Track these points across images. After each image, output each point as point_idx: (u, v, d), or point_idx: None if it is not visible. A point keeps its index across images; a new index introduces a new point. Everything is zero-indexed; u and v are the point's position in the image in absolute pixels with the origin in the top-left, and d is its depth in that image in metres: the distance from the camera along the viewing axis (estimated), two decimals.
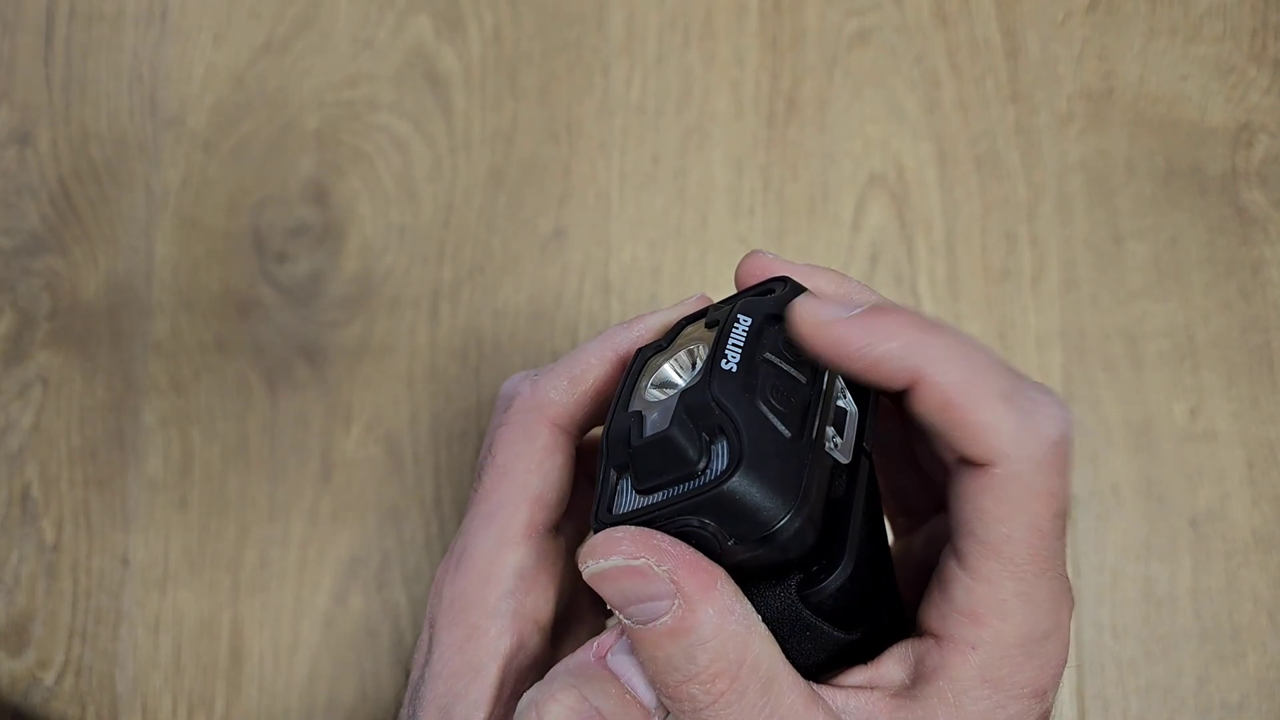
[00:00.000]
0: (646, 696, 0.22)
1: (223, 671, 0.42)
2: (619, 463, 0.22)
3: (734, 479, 0.20)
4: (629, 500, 0.22)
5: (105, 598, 0.43)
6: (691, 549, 0.21)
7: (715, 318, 0.24)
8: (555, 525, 0.27)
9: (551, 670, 0.23)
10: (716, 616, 0.21)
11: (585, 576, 0.22)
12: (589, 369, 0.26)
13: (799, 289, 0.24)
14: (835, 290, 0.26)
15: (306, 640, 0.42)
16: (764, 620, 0.22)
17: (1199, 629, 0.41)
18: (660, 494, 0.21)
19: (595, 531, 0.22)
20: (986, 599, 0.22)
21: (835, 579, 0.22)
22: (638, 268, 0.44)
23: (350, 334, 0.44)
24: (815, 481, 0.21)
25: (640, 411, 0.22)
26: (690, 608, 0.21)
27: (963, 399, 0.21)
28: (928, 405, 0.21)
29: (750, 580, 0.22)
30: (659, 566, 0.21)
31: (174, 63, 0.46)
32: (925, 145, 0.45)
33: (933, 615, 0.23)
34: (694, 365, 0.23)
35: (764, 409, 0.21)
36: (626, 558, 0.21)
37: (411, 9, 0.46)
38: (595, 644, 0.23)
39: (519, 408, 0.26)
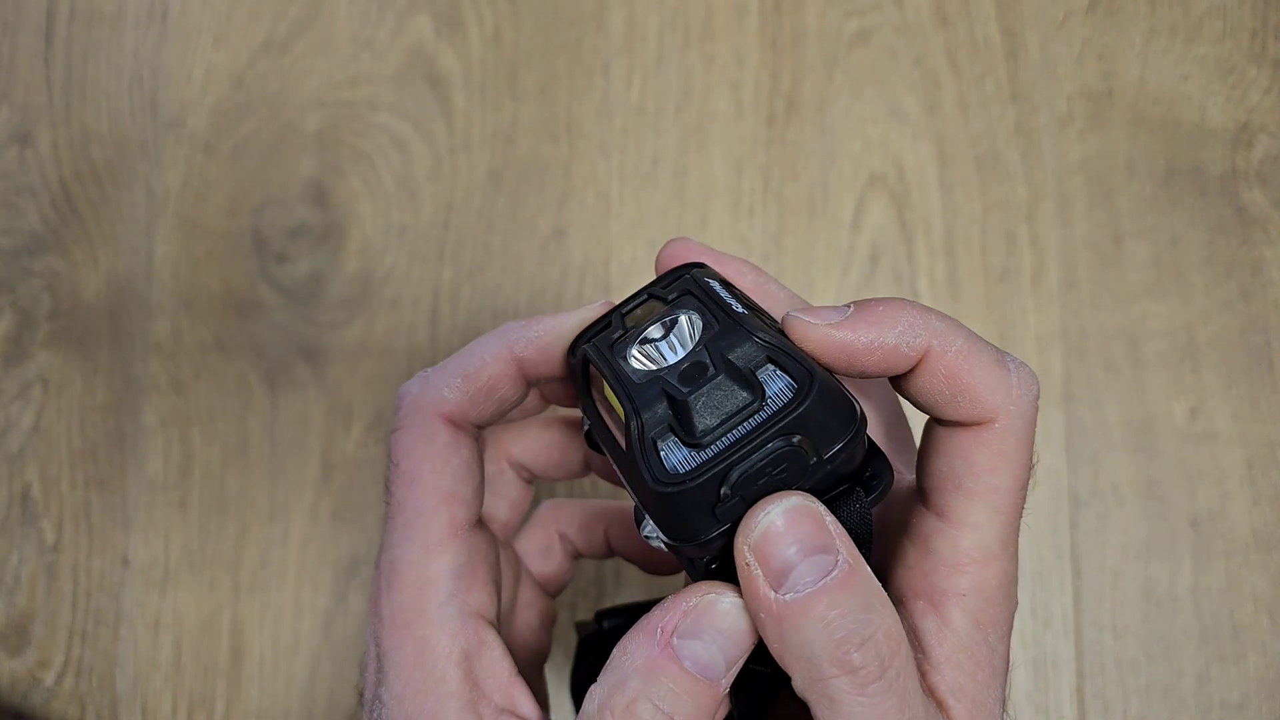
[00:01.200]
0: (715, 669, 0.22)
1: (223, 671, 0.42)
2: (658, 427, 0.22)
3: (814, 394, 0.21)
4: (682, 456, 0.22)
5: (105, 598, 0.43)
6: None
7: (672, 293, 0.24)
8: (477, 520, 0.26)
9: (616, 666, 0.22)
10: (873, 577, 0.21)
11: (755, 536, 0.21)
12: (484, 366, 0.25)
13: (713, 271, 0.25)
14: (752, 280, 0.27)
15: (306, 640, 0.42)
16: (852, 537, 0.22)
17: (1199, 629, 0.41)
18: (726, 437, 0.21)
19: (660, 492, 0.21)
20: (972, 547, 0.23)
21: (887, 480, 0.23)
22: (638, 268, 0.44)
23: (350, 334, 0.44)
24: (851, 392, 0.23)
25: (659, 376, 0.22)
26: (856, 562, 0.21)
27: (967, 364, 0.23)
28: (935, 375, 0.23)
29: (826, 503, 0.22)
30: (826, 516, 0.21)
31: (174, 63, 0.47)
32: (925, 145, 0.45)
33: (914, 576, 0.24)
34: (671, 332, 0.23)
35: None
36: (804, 499, 0.21)
37: (411, 9, 0.46)
38: (659, 628, 0.22)
39: (409, 409, 0.25)
